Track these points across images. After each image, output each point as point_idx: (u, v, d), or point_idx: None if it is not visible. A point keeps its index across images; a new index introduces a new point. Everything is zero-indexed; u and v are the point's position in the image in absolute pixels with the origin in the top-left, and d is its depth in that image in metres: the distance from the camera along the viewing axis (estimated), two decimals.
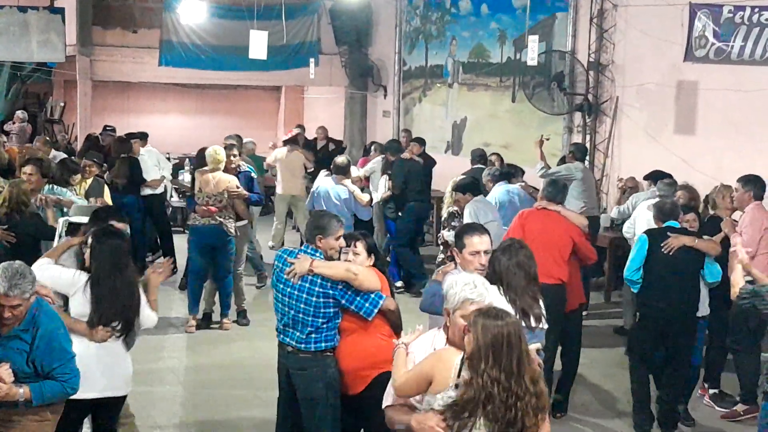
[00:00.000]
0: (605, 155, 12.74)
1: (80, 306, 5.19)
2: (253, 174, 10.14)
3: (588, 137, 13.07)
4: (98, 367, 5.15)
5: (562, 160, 11.71)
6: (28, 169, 8.13)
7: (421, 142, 12.98)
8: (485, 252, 5.04)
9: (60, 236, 6.33)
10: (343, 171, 10.25)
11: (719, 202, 8.10)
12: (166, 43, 16.50)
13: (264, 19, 14.76)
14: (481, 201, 8.65)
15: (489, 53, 15.40)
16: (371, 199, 10.28)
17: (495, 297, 4.47)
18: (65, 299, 5.26)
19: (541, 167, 10.90)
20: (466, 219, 8.20)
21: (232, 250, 9.45)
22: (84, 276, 5.21)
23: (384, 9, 18.12)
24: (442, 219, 8.93)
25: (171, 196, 14.33)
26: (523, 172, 11.07)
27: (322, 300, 5.19)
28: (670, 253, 6.86)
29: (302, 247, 5.40)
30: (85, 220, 6.05)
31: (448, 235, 8.40)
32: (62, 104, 18.99)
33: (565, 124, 13.49)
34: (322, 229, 5.35)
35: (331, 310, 5.22)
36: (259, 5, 14.69)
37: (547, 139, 11.40)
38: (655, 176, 9.89)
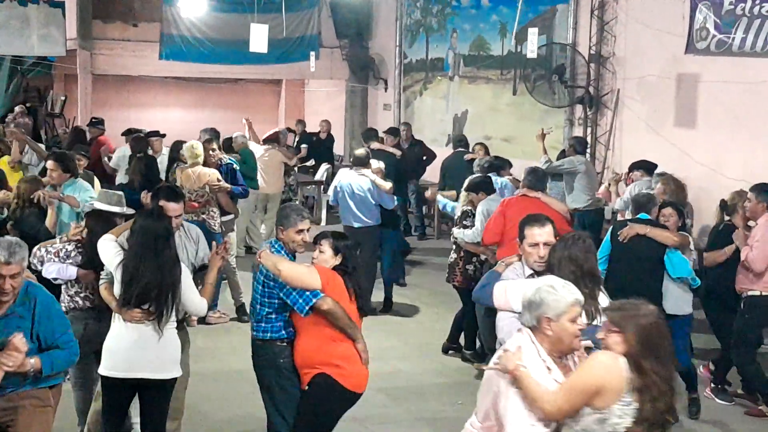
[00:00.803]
0: (606, 148, 12.73)
1: (117, 284, 5.33)
2: (235, 166, 10.08)
3: (589, 130, 13.06)
4: (138, 347, 5.24)
5: (562, 154, 11.71)
6: (50, 164, 7.91)
7: (394, 133, 13.04)
8: (545, 244, 4.86)
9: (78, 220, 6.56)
10: (363, 162, 10.15)
11: (739, 208, 7.58)
12: (167, 36, 16.49)
13: (264, 12, 14.75)
14: (495, 200, 8.59)
15: (490, 46, 15.38)
16: (393, 187, 10.25)
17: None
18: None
19: (545, 160, 10.88)
20: (479, 218, 8.19)
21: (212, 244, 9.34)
22: (120, 256, 5.32)
23: (384, 1, 18.10)
24: (455, 218, 8.85)
25: None
26: (510, 165, 11.09)
27: (266, 290, 5.33)
28: (625, 242, 6.96)
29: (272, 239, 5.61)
30: (114, 208, 6.09)
31: (458, 233, 8.37)
32: (63, 98, 18.97)
33: (566, 116, 13.47)
34: (282, 220, 5.48)
35: (275, 301, 5.31)
36: None
37: (549, 132, 11.38)
38: (641, 166, 9.97)
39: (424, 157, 14.20)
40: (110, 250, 5.39)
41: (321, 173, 15.88)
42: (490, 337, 8.13)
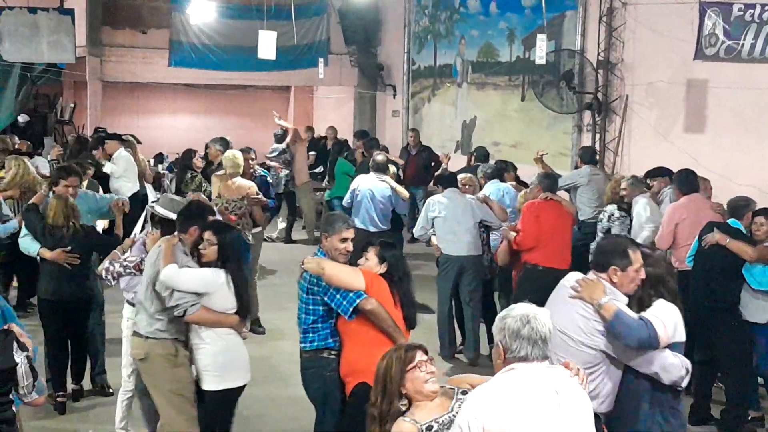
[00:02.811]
0: (615, 154, 12.70)
1: (224, 301, 5.39)
2: (268, 178, 10.11)
3: (597, 136, 13.03)
4: (245, 356, 5.57)
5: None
6: (71, 180, 7.61)
7: (363, 135, 13.18)
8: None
9: (144, 225, 6.62)
10: (383, 168, 10.30)
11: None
12: (176, 43, 16.56)
13: (273, 19, 14.79)
14: (447, 196, 8.90)
15: (498, 52, 15.37)
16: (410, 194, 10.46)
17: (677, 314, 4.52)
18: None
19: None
20: (420, 215, 8.87)
21: (248, 259, 9.11)
22: (221, 272, 5.39)
23: (393, 8, 18.11)
24: None
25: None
26: (515, 168, 11.09)
27: (310, 297, 5.27)
28: (705, 248, 7.00)
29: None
30: (171, 215, 5.92)
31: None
32: (72, 105, 19.03)
33: (574, 123, 13.45)
34: (327, 227, 5.42)
35: (320, 308, 5.25)
36: (268, 5, 14.70)
37: (545, 154, 11.34)
38: (661, 173, 9.66)
39: (432, 164, 14.19)
40: (204, 272, 5.40)
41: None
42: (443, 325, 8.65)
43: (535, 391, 3.54)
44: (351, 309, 5.07)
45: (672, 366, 4.35)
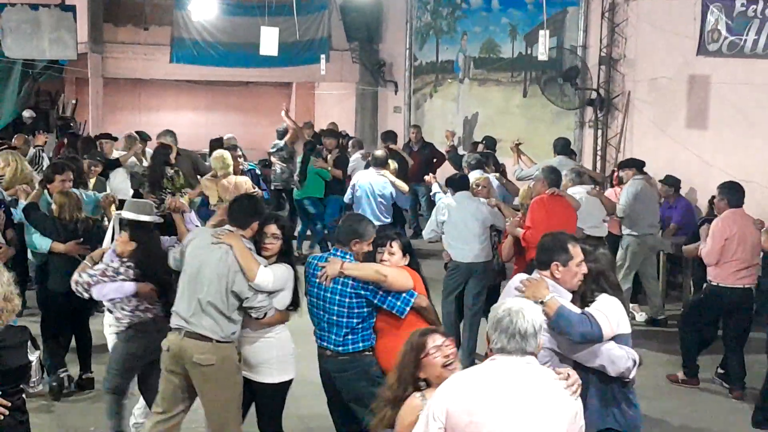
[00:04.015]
0: (617, 150, 12.69)
1: (290, 296, 5.41)
2: (257, 171, 10.03)
3: (600, 132, 13.03)
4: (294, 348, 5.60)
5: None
6: (66, 175, 7.62)
7: (333, 135, 13.15)
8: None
9: (113, 234, 6.31)
10: (382, 163, 10.37)
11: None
12: (178, 40, 16.55)
13: (275, 15, 14.75)
14: (455, 198, 8.62)
15: (500, 48, 15.36)
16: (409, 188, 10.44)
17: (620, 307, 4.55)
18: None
19: (516, 169, 11.10)
20: (430, 219, 8.71)
21: None
22: (290, 267, 5.42)
23: (394, 4, 18.11)
24: None
25: None
26: (496, 160, 11.29)
27: (354, 300, 5.21)
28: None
29: (332, 251, 5.42)
30: (144, 217, 5.91)
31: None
32: (74, 102, 19.04)
33: (576, 119, 13.44)
34: (360, 234, 5.34)
35: (365, 309, 5.23)
36: (270, 2, 14.68)
37: (521, 143, 11.29)
38: (631, 165, 10.11)
39: (434, 159, 14.18)
40: (282, 268, 5.37)
41: None
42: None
43: (506, 381, 3.58)
44: (407, 309, 5.17)
45: (618, 358, 4.36)
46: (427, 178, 9.94)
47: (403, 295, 5.17)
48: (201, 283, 5.24)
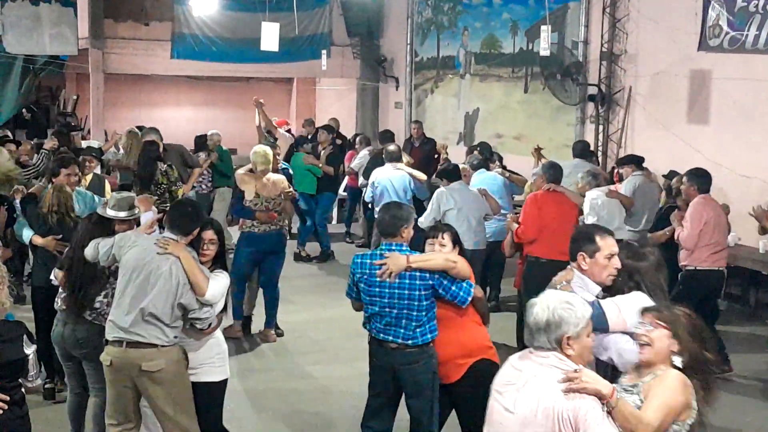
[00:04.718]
0: (618, 146, 12.68)
1: (223, 302, 5.47)
2: (290, 171, 10.01)
3: (601, 128, 13.01)
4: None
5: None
6: (71, 169, 7.50)
7: (329, 129, 13.15)
8: (618, 255, 4.59)
9: None
10: (397, 157, 10.56)
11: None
12: (178, 35, 16.54)
13: (275, 10, 14.73)
14: (455, 189, 9.00)
15: (501, 44, 15.35)
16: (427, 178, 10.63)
17: (647, 303, 4.28)
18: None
19: (536, 170, 11.03)
20: (429, 207, 8.85)
21: (285, 254, 9.09)
22: (226, 274, 5.53)
23: (395, 0, 18.08)
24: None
25: None
26: (500, 158, 11.33)
27: (424, 293, 5.19)
28: None
29: (384, 245, 5.33)
30: (121, 214, 5.83)
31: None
32: (75, 97, 19.02)
33: (577, 114, 13.43)
34: (405, 219, 5.33)
35: (432, 301, 5.25)
36: None
37: (542, 149, 11.35)
38: (631, 161, 10.14)
39: (436, 155, 14.18)
40: (224, 281, 5.39)
41: None
42: None
43: (511, 372, 3.81)
44: (469, 298, 5.21)
45: (626, 351, 4.30)
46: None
47: (464, 284, 5.20)
48: (145, 294, 5.16)
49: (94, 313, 5.76)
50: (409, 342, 5.24)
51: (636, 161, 10.10)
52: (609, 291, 4.51)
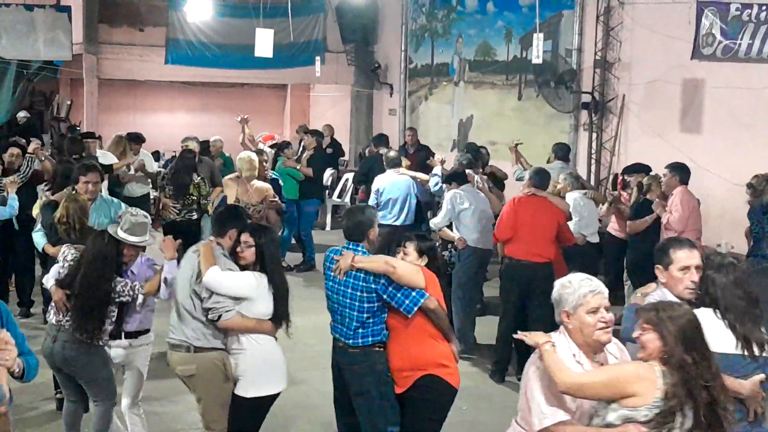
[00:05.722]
0: (611, 153, 12.72)
1: (264, 307, 5.33)
2: (280, 181, 9.98)
3: (594, 135, 13.05)
4: (282, 362, 5.51)
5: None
6: (90, 177, 7.32)
7: (318, 134, 13.18)
8: (696, 267, 4.41)
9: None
10: (397, 163, 10.62)
11: (654, 188, 9.17)
12: (173, 41, 16.54)
13: (270, 17, 14.76)
14: (467, 190, 9.06)
15: (495, 51, 15.38)
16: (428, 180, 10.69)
17: (710, 322, 4.08)
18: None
19: (515, 170, 11.31)
20: (445, 206, 8.90)
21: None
22: (264, 276, 5.34)
23: (390, 7, 18.11)
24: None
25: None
26: (485, 163, 11.36)
27: (365, 294, 5.22)
28: None
29: (345, 244, 5.43)
30: (132, 239, 5.74)
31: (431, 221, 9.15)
32: (69, 102, 19.01)
33: (571, 122, 13.46)
34: (368, 221, 5.41)
35: (375, 304, 5.24)
36: (265, 3, 14.68)
37: (520, 143, 11.44)
38: (639, 170, 10.13)
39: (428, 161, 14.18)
40: (247, 276, 5.33)
41: (326, 178, 15.86)
42: (466, 320, 8.76)
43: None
44: (415, 308, 5.15)
45: None
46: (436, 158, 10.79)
47: (413, 293, 5.15)
48: (178, 288, 5.48)
49: (88, 335, 5.63)
50: (350, 342, 5.31)
51: (644, 170, 10.06)
52: (691, 305, 4.29)
